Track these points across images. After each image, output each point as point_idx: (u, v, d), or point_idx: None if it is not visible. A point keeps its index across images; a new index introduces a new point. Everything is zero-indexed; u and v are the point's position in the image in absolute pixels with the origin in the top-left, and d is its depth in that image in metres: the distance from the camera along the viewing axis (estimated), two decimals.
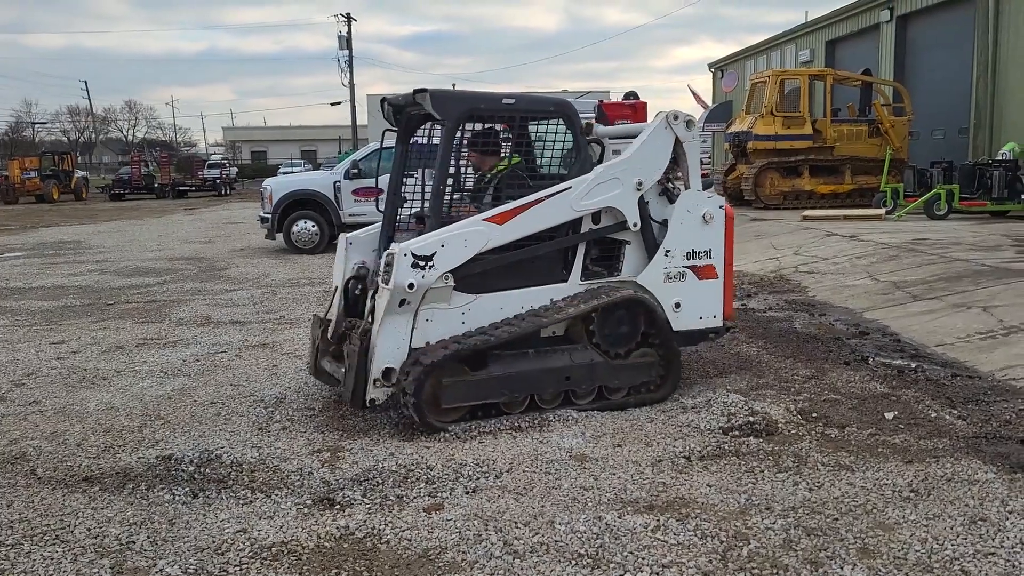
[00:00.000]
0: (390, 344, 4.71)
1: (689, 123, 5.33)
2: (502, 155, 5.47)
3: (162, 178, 38.31)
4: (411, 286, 4.61)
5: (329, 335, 5.30)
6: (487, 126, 5.40)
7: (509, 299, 5.01)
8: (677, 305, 5.36)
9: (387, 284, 4.65)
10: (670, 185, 5.45)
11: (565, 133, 5.36)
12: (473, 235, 4.78)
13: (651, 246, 5.35)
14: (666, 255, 5.34)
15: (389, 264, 4.66)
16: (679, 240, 5.36)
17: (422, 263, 4.63)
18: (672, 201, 5.43)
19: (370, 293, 5.10)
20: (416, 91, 4.96)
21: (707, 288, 5.46)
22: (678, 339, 5.40)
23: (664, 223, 5.41)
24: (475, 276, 4.88)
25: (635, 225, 5.24)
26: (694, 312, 5.43)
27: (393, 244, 4.86)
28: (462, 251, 4.74)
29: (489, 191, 5.34)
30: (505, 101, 5.07)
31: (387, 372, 4.71)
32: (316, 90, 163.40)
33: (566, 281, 5.18)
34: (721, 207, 5.48)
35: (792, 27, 28.93)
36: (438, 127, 5.30)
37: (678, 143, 5.29)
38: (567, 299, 5.13)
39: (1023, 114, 17.00)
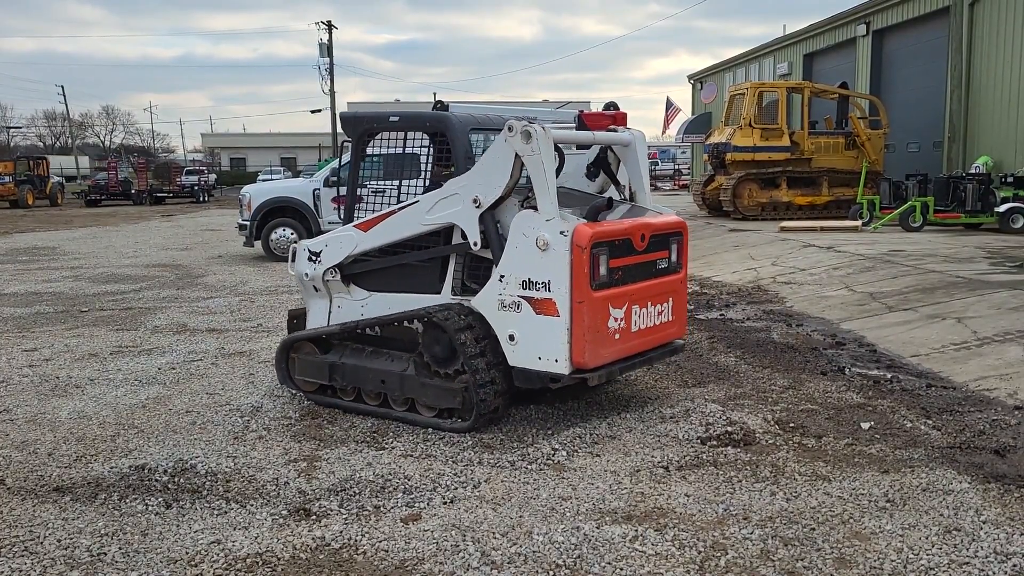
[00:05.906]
0: (315, 321, 5.71)
1: (527, 135, 4.63)
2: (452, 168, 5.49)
3: (139, 184, 37.97)
4: (306, 275, 5.62)
5: None
6: (441, 139, 5.46)
7: (395, 301, 5.35)
8: (511, 338, 4.81)
9: (292, 272, 5.73)
10: (532, 204, 4.88)
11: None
12: (345, 239, 5.47)
13: None
14: (500, 280, 4.83)
15: (293, 256, 5.71)
16: (513, 266, 4.78)
17: (314, 258, 5.58)
18: None
19: None
20: (341, 114, 5.73)
21: (545, 325, 4.70)
22: (517, 377, 4.86)
23: None
24: (370, 275, 5.48)
25: (475, 244, 4.94)
26: (531, 349, 4.78)
27: (301, 241, 5.81)
28: (339, 251, 5.48)
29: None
30: (391, 119, 5.48)
31: None
32: (294, 97, 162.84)
33: (439, 293, 5.18)
34: (564, 234, 4.58)
35: (771, 40, 29.24)
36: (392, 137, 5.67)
37: (518, 158, 4.71)
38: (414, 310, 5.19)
39: (996, 128, 17.26)
